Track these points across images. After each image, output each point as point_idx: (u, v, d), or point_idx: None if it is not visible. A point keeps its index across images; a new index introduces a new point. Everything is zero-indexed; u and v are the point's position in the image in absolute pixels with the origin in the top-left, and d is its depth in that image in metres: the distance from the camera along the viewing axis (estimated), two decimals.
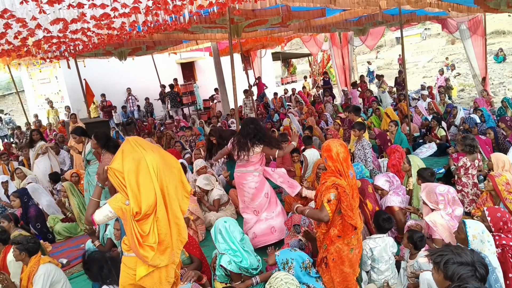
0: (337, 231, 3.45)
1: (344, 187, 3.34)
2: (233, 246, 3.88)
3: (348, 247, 3.46)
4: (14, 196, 6.06)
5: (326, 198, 3.36)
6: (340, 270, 3.47)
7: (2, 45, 5.80)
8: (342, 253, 3.45)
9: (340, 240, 3.45)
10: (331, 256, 3.47)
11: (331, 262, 3.47)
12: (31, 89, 18.10)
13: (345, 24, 11.68)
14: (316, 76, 25.79)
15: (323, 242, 3.56)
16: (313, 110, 12.50)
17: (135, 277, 2.97)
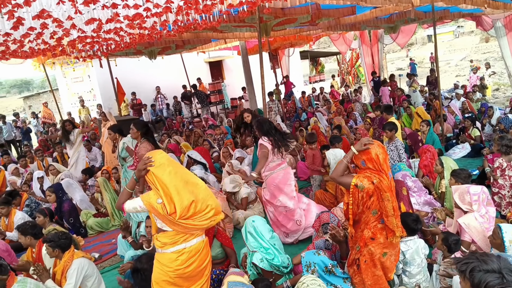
0: (370, 233, 3.39)
1: (382, 186, 3.27)
2: (264, 244, 3.90)
3: (380, 250, 3.38)
4: (49, 191, 6.26)
5: (357, 179, 3.30)
6: (372, 273, 3.41)
7: (38, 44, 5.98)
8: (374, 257, 3.38)
9: (373, 242, 3.38)
10: (363, 258, 3.41)
11: (363, 264, 3.41)
12: (64, 88, 18.66)
13: (376, 21, 11.48)
14: (345, 75, 25.52)
15: (356, 243, 3.49)
16: (341, 109, 12.36)
17: (168, 273, 3.09)
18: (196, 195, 3.08)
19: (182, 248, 3.10)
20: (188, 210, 3.02)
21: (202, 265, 3.21)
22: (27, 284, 3.70)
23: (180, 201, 2.99)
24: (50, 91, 13.62)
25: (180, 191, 3.02)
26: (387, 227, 3.39)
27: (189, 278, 3.16)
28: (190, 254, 3.12)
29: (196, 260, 3.15)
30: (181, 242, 3.10)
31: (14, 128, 14.97)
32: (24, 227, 4.50)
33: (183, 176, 3.13)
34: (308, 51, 25.44)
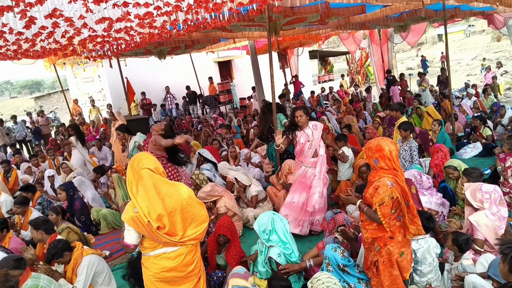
0: (390, 232, 3.32)
1: (402, 186, 3.21)
2: (283, 239, 3.91)
3: (398, 250, 3.33)
4: (60, 189, 6.32)
5: (378, 201, 3.18)
6: (389, 273, 3.36)
7: (50, 43, 6.04)
8: (392, 256, 3.33)
9: (391, 241, 3.32)
10: (381, 259, 3.34)
11: (381, 265, 3.36)
12: (75, 88, 18.84)
13: (386, 20, 11.39)
14: (354, 75, 25.41)
15: (373, 244, 3.40)
16: (351, 109, 12.31)
17: (149, 277, 3.10)
18: (167, 209, 3.02)
19: (161, 253, 3.07)
20: (160, 221, 2.99)
21: (186, 270, 3.14)
22: (40, 279, 3.74)
23: (148, 212, 2.96)
24: (61, 91, 13.74)
25: (151, 203, 2.98)
26: (405, 224, 3.33)
27: (172, 283, 3.12)
28: (170, 260, 3.08)
29: (178, 266, 3.10)
30: (160, 247, 3.07)
31: (25, 128, 15.12)
32: (37, 221, 4.54)
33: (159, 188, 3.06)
34: (317, 51, 25.37)
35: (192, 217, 3.15)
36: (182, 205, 3.08)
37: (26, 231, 5.75)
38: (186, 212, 3.11)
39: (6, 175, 8.46)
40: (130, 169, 3.08)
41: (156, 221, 2.97)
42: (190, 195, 3.18)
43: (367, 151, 3.37)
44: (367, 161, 3.43)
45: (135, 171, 3.05)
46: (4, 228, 4.85)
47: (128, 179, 3.07)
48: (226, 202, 5.65)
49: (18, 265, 3.60)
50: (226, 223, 4.25)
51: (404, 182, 3.30)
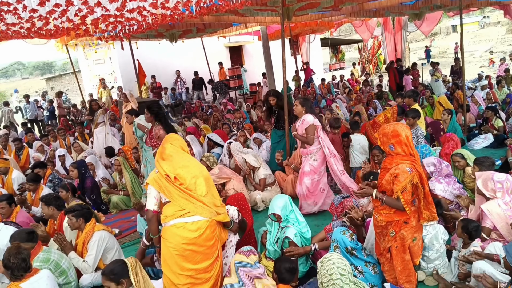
0: (406, 217, 3.29)
1: (420, 170, 3.19)
2: (300, 218, 3.96)
3: (411, 235, 3.31)
4: (72, 167, 6.40)
5: (401, 188, 3.13)
6: (402, 258, 3.36)
7: (63, 22, 6.05)
8: (405, 242, 3.31)
9: (406, 226, 3.29)
10: (395, 244, 3.33)
11: (394, 250, 3.35)
12: (86, 69, 18.90)
13: (400, 8, 11.23)
14: (365, 64, 25.18)
15: (387, 228, 3.35)
16: (361, 97, 12.22)
17: (170, 250, 3.14)
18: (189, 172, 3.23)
19: (182, 223, 3.12)
20: (180, 177, 3.19)
21: (205, 245, 3.17)
22: (52, 253, 3.82)
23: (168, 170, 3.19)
24: (73, 73, 13.81)
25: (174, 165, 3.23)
26: (419, 209, 3.31)
27: (190, 259, 3.15)
28: (191, 231, 3.11)
29: (198, 239, 3.13)
30: (181, 216, 3.12)
31: (37, 108, 15.26)
32: (48, 197, 4.63)
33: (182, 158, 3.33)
34: (329, 38, 25.13)
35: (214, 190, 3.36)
36: (204, 175, 3.28)
37: (37, 208, 5.84)
38: (209, 181, 3.31)
39: (17, 153, 8.57)
40: (161, 144, 3.40)
41: (175, 175, 3.16)
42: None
43: (381, 137, 3.29)
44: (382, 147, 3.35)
45: (162, 145, 3.36)
46: (12, 203, 4.94)
47: (158, 151, 3.37)
48: (235, 184, 5.69)
49: (31, 238, 3.68)
50: (237, 196, 4.37)
51: (421, 168, 3.29)
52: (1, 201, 4.76)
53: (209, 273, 3.24)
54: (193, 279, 3.17)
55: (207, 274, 3.22)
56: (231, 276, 3.11)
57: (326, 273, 2.92)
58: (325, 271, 2.93)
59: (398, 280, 3.42)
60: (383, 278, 3.61)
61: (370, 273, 3.65)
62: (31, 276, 3.24)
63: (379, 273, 3.64)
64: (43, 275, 3.32)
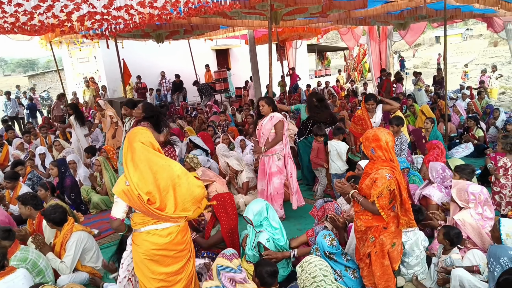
0: (385, 222, 3.31)
1: (399, 177, 3.21)
2: (274, 224, 3.95)
3: (390, 240, 3.33)
4: (52, 165, 6.28)
5: (377, 193, 3.17)
6: (381, 264, 3.37)
7: (48, 18, 5.95)
8: (384, 247, 3.34)
9: (385, 232, 3.31)
10: (374, 249, 3.35)
11: (373, 256, 3.36)
12: (70, 68, 18.64)
13: (386, 17, 11.43)
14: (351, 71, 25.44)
15: (366, 233, 3.38)
16: (345, 104, 12.33)
17: (140, 255, 3.09)
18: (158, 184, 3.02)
19: (153, 229, 3.06)
20: (151, 196, 2.99)
21: (176, 250, 3.14)
22: (29, 252, 3.74)
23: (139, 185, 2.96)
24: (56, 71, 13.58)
25: (143, 177, 2.98)
26: (398, 215, 3.34)
27: (160, 263, 3.12)
28: (161, 237, 3.07)
29: (169, 244, 3.09)
30: (151, 224, 3.06)
31: (18, 105, 14.97)
32: (25, 197, 4.50)
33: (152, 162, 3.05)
34: (316, 45, 25.33)
35: (185, 195, 3.15)
36: (174, 182, 3.07)
37: (15, 206, 5.71)
38: (179, 190, 3.10)
39: None
40: (127, 141, 3.08)
41: (147, 195, 2.96)
42: (183, 172, 3.17)
43: (364, 141, 3.35)
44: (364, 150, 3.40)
45: (130, 143, 3.05)
46: None
47: (124, 151, 3.07)
48: (217, 187, 5.66)
49: (7, 235, 3.60)
50: (224, 196, 4.32)
51: (401, 174, 3.32)
52: None
53: (181, 275, 3.21)
54: (164, 282, 3.14)
55: (178, 276, 3.19)
56: (213, 279, 3.08)
57: (309, 276, 2.91)
58: (307, 274, 2.92)
59: (377, 285, 3.43)
60: (362, 283, 3.62)
61: (350, 278, 3.66)
62: (7, 275, 3.16)
63: (359, 278, 3.66)
64: (19, 274, 3.25)
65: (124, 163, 3.03)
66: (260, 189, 5.67)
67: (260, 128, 5.47)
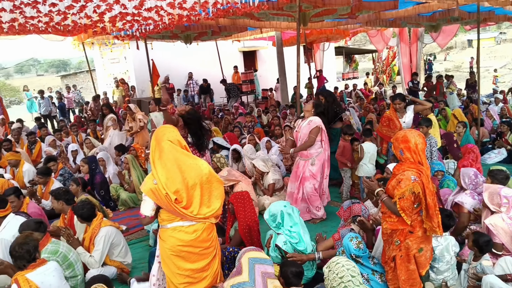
0: (410, 226, 3.25)
1: (425, 181, 3.14)
2: (291, 228, 3.90)
3: (417, 245, 3.27)
4: (83, 162, 6.44)
5: (399, 194, 3.13)
6: (406, 268, 3.30)
7: (81, 18, 6.11)
8: (410, 252, 3.28)
9: (411, 236, 3.26)
10: (399, 253, 3.29)
11: (398, 259, 3.31)
12: (101, 68, 19.10)
13: (417, 18, 11.19)
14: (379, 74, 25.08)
15: (392, 236, 3.33)
16: (370, 108, 12.14)
17: (166, 251, 3.13)
18: (186, 183, 3.05)
19: (179, 226, 3.11)
20: (178, 195, 3.02)
21: (201, 247, 3.17)
22: (60, 245, 3.83)
23: (167, 184, 3.00)
24: (87, 71, 13.94)
25: (170, 176, 3.02)
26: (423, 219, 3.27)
27: (186, 259, 3.15)
28: (187, 234, 3.11)
29: (195, 241, 3.13)
30: (178, 220, 3.10)
31: (51, 104, 15.43)
32: (58, 192, 4.62)
33: (180, 161, 3.09)
34: (343, 47, 25.12)
35: (210, 194, 3.18)
36: (202, 180, 3.12)
37: (47, 201, 5.88)
38: (205, 188, 3.14)
39: (30, 147, 8.65)
40: (154, 140, 3.12)
41: (174, 194, 3.00)
42: (210, 170, 3.21)
43: (394, 141, 3.33)
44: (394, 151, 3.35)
45: (158, 142, 3.09)
46: (20, 195, 4.95)
47: (151, 149, 3.11)
48: (243, 187, 5.66)
49: (38, 227, 3.70)
50: (239, 194, 4.35)
51: (429, 178, 3.24)
52: (9, 195, 4.77)
53: (206, 272, 3.24)
54: (190, 278, 3.18)
55: (204, 273, 3.23)
56: (242, 274, 3.05)
57: (336, 276, 2.88)
58: (335, 274, 2.89)
59: None
60: None
61: (377, 282, 3.59)
62: (38, 267, 3.24)
63: (385, 282, 3.59)
64: (50, 267, 3.32)
65: (152, 162, 3.08)
66: (289, 192, 5.65)
67: (298, 129, 5.46)
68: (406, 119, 6.27)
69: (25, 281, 3.11)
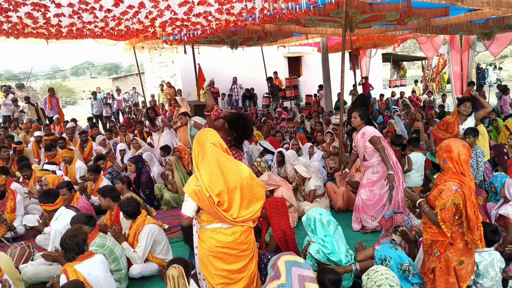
0: (450, 238, 3.18)
1: (467, 192, 3.07)
2: (325, 238, 3.87)
3: (458, 258, 3.18)
4: (130, 161, 6.71)
5: (440, 205, 3.08)
6: (445, 280, 3.22)
7: (134, 23, 6.39)
8: (450, 264, 3.20)
9: (451, 248, 3.18)
10: (439, 265, 3.22)
11: (438, 271, 3.23)
12: (150, 71, 19.77)
13: (469, 26, 10.78)
14: (428, 82, 24.32)
15: (432, 247, 3.27)
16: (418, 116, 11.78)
17: (204, 251, 3.20)
18: (228, 186, 3.10)
19: (218, 227, 3.17)
20: (220, 197, 3.08)
21: (238, 249, 3.22)
22: (107, 239, 4.02)
23: (210, 186, 3.06)
24: (137, 74, 14.47)
25: (213, 178, 3.07)
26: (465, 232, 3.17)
27: (223, 260, 3.20)
28: (226, 235, 3.16)
29: (233, 243, 3.18)
30: (217, 222, 3.16)
31: (103, 105, 16.14)
32: (104, 189, 4.86)
33: (222, 164, 3.14)
34: (391, 54, 24.58)
35: (250, 197, 3.22)
36: (242, 183, 3.17)
37: (96, 197, 6.17)
38: (245, 191, 3.19)
39: (82, 145, 9.11)
40: (197, 143, 3.20)
41: (217, 196, 3.07)
42: (251, 174, 3.26)
43: (438, 150, 3.28)
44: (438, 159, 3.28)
45: (201, 145, 3.16)
46: (72, 189, 5.25)
47: (194, 151, 3.19)
48: (283, 192, 5.68)
49: (88, 221, 3.90)
50: (273, 199, 4.36)
51: (471, 189, 3.14)
52: (62, 188, 5.08)
53: (243, 273, 3.29)
54: (226, 279, 3.24)
55: (240, 275, 3.28)
56: (280, 278, 3.05)
57: (374, 284, 2.85)
58: (373, 282, 2.86)
59: None
60: None
61: None
62: (86, 259, 3.42)
63: None
64: (97, 259, 3.50)
65: (195, 164, 3.15)
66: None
67: (355, 143, 5.40)
68: (465, 125, 6.10)
69: (73, 272, 3.30)
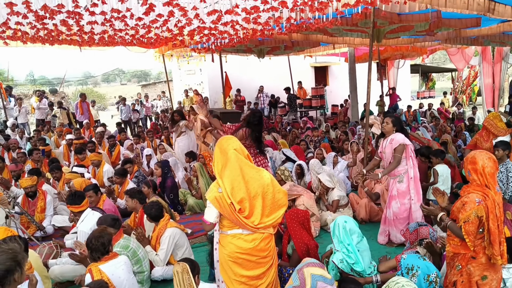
0: (473, 251, 3.13)
1: (490, 205, 3.00)
2: (348, 247, 3.83)
3: (480, 272, 3.11)
4: (157, 165, 6.85)
5: (464, 217, 3.04)
6: None
7: (163, 31, 6.55)
8: (472, 278, 3.13)
9: (473, 262, 3.13)
10: (461, 278, 3.17)
11: (459, 285, 3.18)
12: (178, 79, 20.14)
13: (502, 37, 10.54)
14: (458, 94, 23.81)
15: (454, 260, 3.23)
16: (447, 128, 11.55)
17: (224, 256, 3.21)
18: (249, 193, 3.10)
19: (238, 233, 3.17)
20: (242, 204, 3.08)
21: (258, 256, 3.21)
22: (131, 241, 4.11)
23: (232, 193, 3.06)
24: (165, 82, 14.76)
25: (235, 185, 3.07)
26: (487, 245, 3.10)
27: (243, 266, 3.20)
28: (246, 242, 3.16)
29: (253, 249, 3.17)
30: (237, 228, 3.16)
31: (131, 111, 16.51)
32: (133, 191, 5.00)
33: (245, 171, 3.15)
34: (420, 65, 24.21)
35: (272, 204, 3.22)
36: (264, 190, 3.17)
37: (122, 200, 6.30)
38: (267, 198, 3.20)
39: (110, 149, 9.34)
40: (218, 149, 3.22)
41: (238, 203, 3.09)
42: (272, 181, 3.26)
43: (464, 161, 3.26)
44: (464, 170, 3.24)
45: (223, 151, 3.18)
46: (98, 191, 5.40)
47: (215, 158, 3.21)
48: (305, 201, 5.66)
49: (114, 223, 4.00)
50: (294, 211, 4.31)
51: (495, 203, 3.07)
52: (89, 190, 5.24)
53: (261, 280, 3.28)
54: (245, 286, 3.24)
55: (259, 281, 3.27)
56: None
57: None
58: None
59: None
60: None
61: None
62: (110, 259, 3.50)
63: None
64: (121, 260, 3.58)
65: (217, 171, 3.17)
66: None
67: (382, 150, 5.24)
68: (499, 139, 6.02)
69: (97, 272, 3.38)
